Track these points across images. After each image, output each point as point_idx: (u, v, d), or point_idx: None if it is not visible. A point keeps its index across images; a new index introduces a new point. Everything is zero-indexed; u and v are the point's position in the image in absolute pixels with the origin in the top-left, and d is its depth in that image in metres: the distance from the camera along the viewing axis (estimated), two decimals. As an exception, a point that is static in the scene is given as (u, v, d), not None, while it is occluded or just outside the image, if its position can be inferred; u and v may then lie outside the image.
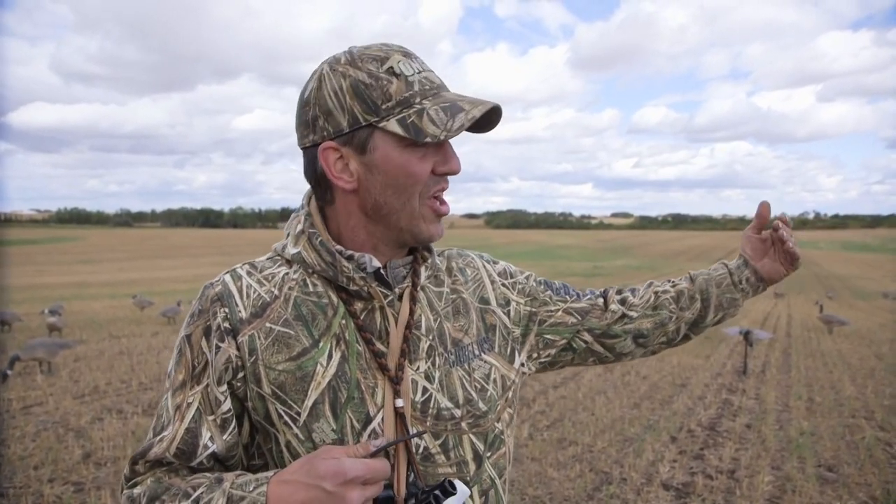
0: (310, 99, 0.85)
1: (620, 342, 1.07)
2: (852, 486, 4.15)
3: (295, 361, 0.84)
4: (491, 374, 0.95)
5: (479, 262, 1.05)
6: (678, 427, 5.49)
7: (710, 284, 1.08)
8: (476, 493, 0.91)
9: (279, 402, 0.84)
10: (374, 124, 0.82)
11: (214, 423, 0.84)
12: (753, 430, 5.50)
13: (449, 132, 0.80)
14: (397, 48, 0.85)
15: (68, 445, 4.67)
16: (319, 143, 0.84)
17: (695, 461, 4.62)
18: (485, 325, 0.98)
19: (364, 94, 0.81)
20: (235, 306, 0.86)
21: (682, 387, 7.19)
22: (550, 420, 5.63)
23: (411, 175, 0.83)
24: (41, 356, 7.05)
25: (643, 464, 4.51)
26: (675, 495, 3.97)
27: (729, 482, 4.20)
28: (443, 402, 0.89)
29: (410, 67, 0.83)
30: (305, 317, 0.87)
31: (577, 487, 4.05)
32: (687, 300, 1.08)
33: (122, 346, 9.59)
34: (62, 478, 4.07)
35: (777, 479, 4.28)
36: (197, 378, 0.85)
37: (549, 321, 1.03)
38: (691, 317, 1.08)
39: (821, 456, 4.77)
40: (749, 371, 8.17)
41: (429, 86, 0.84)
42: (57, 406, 5.80)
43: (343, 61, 0.84)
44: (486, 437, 0.93)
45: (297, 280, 0.89)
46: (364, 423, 0.84)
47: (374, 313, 0.88)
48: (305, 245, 0.89)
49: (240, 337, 0.84)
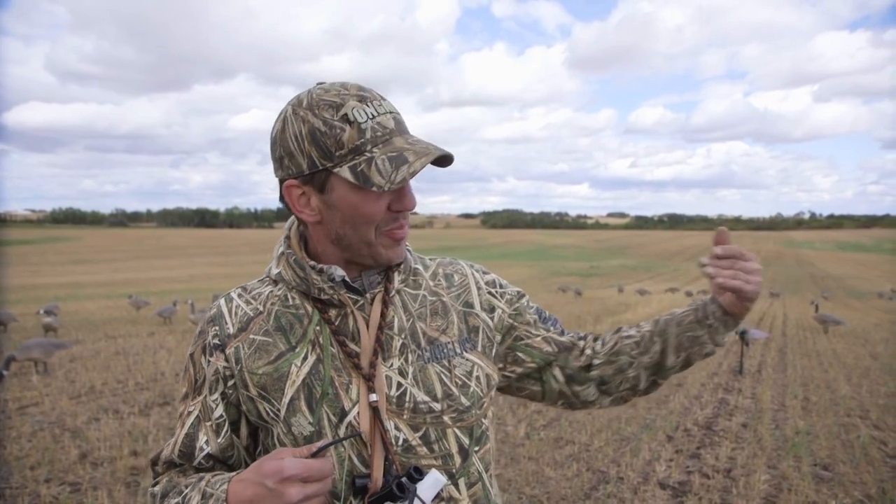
0: (276, 139, 0.92)
1: (585, 390, 1.08)
2: (847, 484, 4.16)
3: (273, 364, 0.94)
4: (473, 371, 1.00)
5: (469, 271, 1.10)
6: (675, 426, 5.51)
7: (671, 325, 1.04)
8: (463, 486, 0.96)
9: (265, 402, 0.94)
10: (329, 169, 0.88)
11: (210, 428, 0.97)
12: (749, 429, 5.52)
13: (392, 183, 0.85)
14: (355, 92, 0.90)
15: (64, 446, 4.65)
16: (285, 179, 0.92)
17: (691, 460, 4.64)
18: (467, 327, 1.03)
19: (320, 140, 0.87)
20: (225, 324, 0.98)
21: (678, 386, 7.21)
22: (547, 419, 5.64)
23: (365, 215, 0.90)
24: (37, 356, 7.03)
25: (640, 463, 4.52)
26: (671, 494, 3.99)
27: (725, 481, 4.22)
28: (419, 396, 0.95)
29: (364, 113, 0.88)
30: (284, 327, 0.97)
31: (574, 486, 4.06)
32: (647, 343, 1.05)
33: (117, 346, 9.57)
34: (58, 478, 4.06)
35: (773, 477, 4.30)
36: (197, 390, 0.98)
37: (525, 340, 1.08)
38: (650, 361, 1.05)
39: (816, 455, 4.79)
40: (745, 370, 8.20)
41: (381, 132, 0.89)
42: (53, 406, 5.78)
43: (304, 105, 0.90)
44: (471, 431, 0.98)
45: (279, 296, 0.99)
46: (340, 416, 0.92)
47: (348, 318, 0.96)
48: (284, 264, 0.99)
49: (227, 350, 0.96)
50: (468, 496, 0.96)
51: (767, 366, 8.82)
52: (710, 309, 1.02)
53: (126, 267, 59.08)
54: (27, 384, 6.69)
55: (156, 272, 50.45)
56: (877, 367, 8.79)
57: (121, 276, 44.46)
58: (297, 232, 1.02)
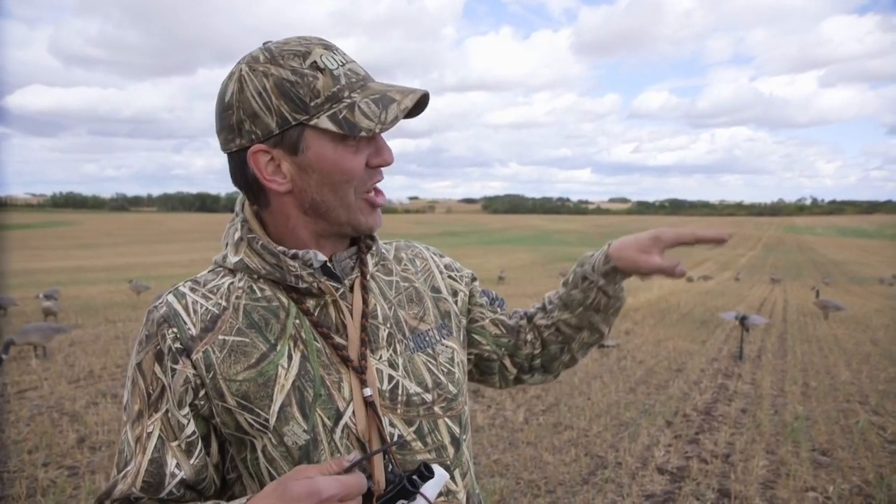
0: (232, 102, 0.81)
1: (532, 377, 1.11)
2: (846, 469, 4.16)
3: (255, 368, 0.82)
4: (455, 357, 0.97)
5: (428, 254, 1.05)
6: (674, 411, 5.50)
7: (591, 314, 1.05)
8: (458, 477, 0.92)
9: (246, 412, 0.82)
10: (304, 123, 0.79)
11: (179, 449, 0.82)
12: (749, 414, 5.51)
13: (384, 124, 0.79)
14: (317, 41, 0.82)
15: (63, 430, 4.66)
16: (248, 147, 0.81)
17: (690, 445, 4.63)
18: (440, 312, 0.99)
19: (290, 92, 0.78)
20: (184, 324, 0.83)
21: (678, 371, 7.21)
22: (546, 404, 5.64)
23: (346, 171, 0.82)
24: (36, 341, 7.02)
25: (638, 448, 4.51)
26: (669, 479, 3.98)
27: (724, 466, 4.21)
28: (411, 388, 0.89)
29: (333, 60, 0.81)
30: (258, 323, 0.85)
31: (572, 472, 4.06)
32: (567, 331, 1.07)
33: (117, 330, 9.57)
34: (56, 462, 4.06)
35: (771, 463, 4.29)
36: (154, 405, 0.82)
37: (478, 322, 1.06)
38: (583, 346, 1.09)
39: (815, 440, 4.79)
40: (745, 356, 8.19)
41: (355, 78, 0.82)
42: (52, 390, 5.78)
43: (262, 59, 0.80)
44: (460, 420, 0.93)
45: (244, 288, 0.87)
46: (335, 418, 0.83)
47: (328, 308, 0.87)
48: (246, 251, 0.87)
49: (194, 355, 0.82)
50: (463, 487, 0.92)
51: (767, 351, 8.81)
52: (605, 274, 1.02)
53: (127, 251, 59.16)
54: (26, 368, 6.69)
55: (157, 257, 50.50)
56: (877, 353, 8.79)
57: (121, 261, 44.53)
58: (253, 213, 0.90)
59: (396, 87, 0.82)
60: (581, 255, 1.08)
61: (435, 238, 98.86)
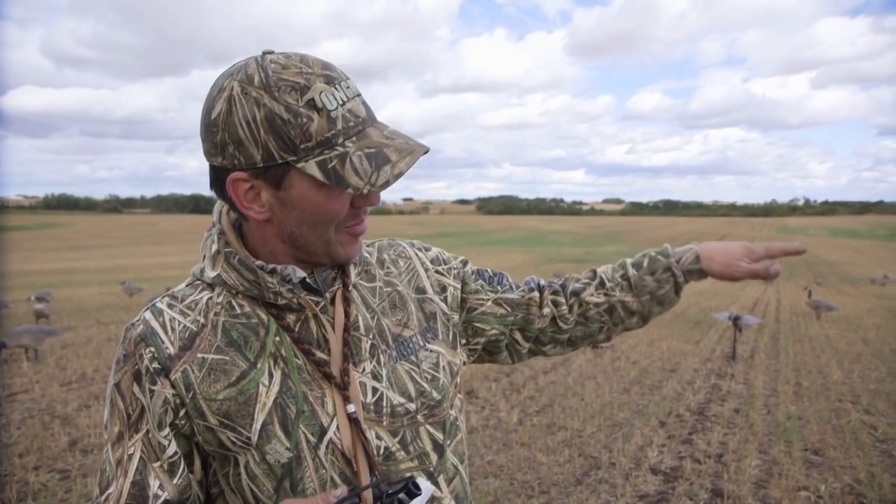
0: (218, 122, 0.76)
1: (553, 349, 1.08)
2: (838, 469, 4.18)
3: (235, 387, 0.81)
4: (439, 362, 0.94)
5: (412, 251, 1.02)
6: (667, 412, 5.52)
7: (653, 304, 1.05)
8: (443, 483, 0.90)
9: (228, 430, 0.80)
10: (290, 163, 0.75)
11: (162, 469, 0.80)
12: (741, 414, 5.53)
13: (373, 186, 0.75)
14: (320, 70, 0.77)
15: (54, 433, 4.63)
16: (229, 169, 0.78)
17: (683, 445, 4.65)
18: (425, 315, 0.96)
19: (281, 130, 0.74)
20: (161, 343, 0.81)
21: (671, 372, 7.23)
22: (540, 405, 5.64)
23: (329, 213, 0.79)
24: (27, 343, 6.98)
25: (632, 448, 4.52)
26: (663, 479, 3.99)
27: (717, 466, 4.23)
28: (395, 399, 0.87)
29: (333, 99, 0.76)
30: (237, 341, 0.82)
31: (566, 472, 4.07)
32: (618, 314, 1.05)
33: (110, 332, 9.52)
34: (48, 465, 4.03)
35: (764, 462, 4.31)
36: (134, 426, 0.80)
37: (478, 309, 1.02)
38: (624, 329, 1.09)
39: (807, 440, 4.81)
40: (738, 356, 8.22)
41: (353, 122, 0.77)
42: (43, 393, 5.75)
43: (257, 83, 0.74)
44: (443, 425, 0.91)
45: (222, 304, 0.84)
46: (319, 434, 0.82)
47: (309, 323, 0.85)
48: (224, 266, 0.84)
49: (172, 374, 0.80)
50: (449, 492, 0.91)
51: (760, 351, 8.85)
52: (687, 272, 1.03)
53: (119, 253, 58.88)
54: (17, 371, 6.65)
55: (150, 258, 50.26)
56: (869, 353, 8.84)
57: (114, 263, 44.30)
58: (230, 223, 0.87)
59: (396, 142, 0.78)
60: (662, 245, 1.08)
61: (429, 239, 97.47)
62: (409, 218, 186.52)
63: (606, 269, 1.08)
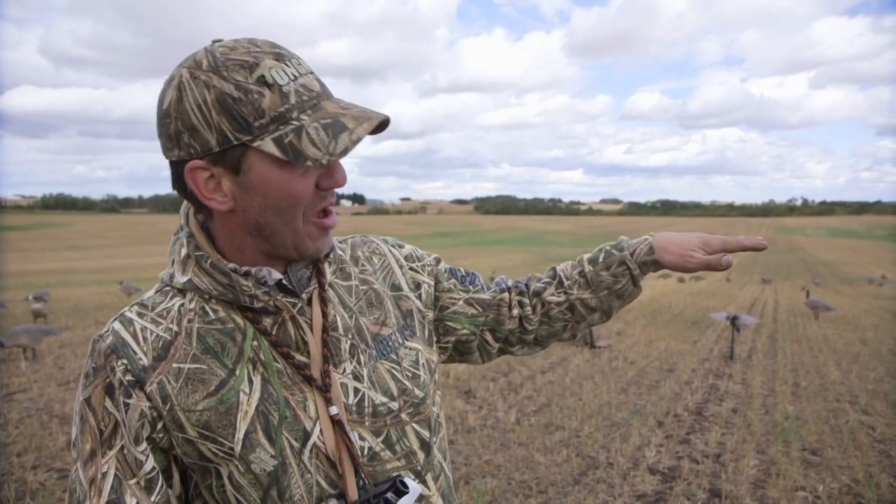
0: (170, 111, 0.74)
1: (521, 349, 1.08)
2: (835, 469, 4.19)
3: (214, 396, 0.78)
4: (419, 359, 0.93)
5: (385, 248, 1.01)
6: (665, 412, 5.52)
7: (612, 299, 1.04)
8: (430, 481, 0.90)
9: (209, 442, 0.78)
10: (247, 144, 0.73)
11: (139, 486, 0.77)
12: (739, 414, 5.54)
13: (332, 155, 0.72)
14: (268, 48, 0.75)
15: (52, 432, 4.62)
16: (186, 160, 0.75)
17: (681, 445, 4.65)
18: (402, 312, 0.95)
19: (233, 109, 0.72)
20: (134, 354, 0.77)
21: (669, 372, 7.24)
22: (538, 405, 5.65)
23: (292, 195, 0.76)
24: (25, 343, 6.96)
25: (630, 448, 4.53)
26: (661, 479, 4.00)
27: (714, 466, 4.23)
28: (377, 399, 0.86)
29: (284, 75, 0.74)
30: (214, 348, 0.80)
31: (563, 472, 4.07)
32: (582, 311, 1.05)
33: (108, 332, 9.51)
34: (46, 465, 4.03)
35: (762, 462, 4.32)
36: (108, 443, 0.76)
37: (450, 308, 1.02)
38: (587, 325, 1.08)
39: (805, 440, 4.82)
40: (736, 356, 8.24)
41: (307, 96, 0.75)
42: (41, 393, 5.74)
43: (205, 67, 0.73)
44: (429, 423, 0.91)
45: (196, 310, 0.81)
46: (303, 439, 0.80)
47: (286, 325, 0.83)
48: (195, 270, 0.81)
49: (147, 386, 0.77)
50: (437, 490, 0.90)
51: (758, 351, 8.87)
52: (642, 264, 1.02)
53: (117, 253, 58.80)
54: (15, 370, 6.64)
55: (148, 258, 50.20)
56: (866, 353, 8.86)
57: (112, 263, 44.26)
58: (198, 225, 0.84)
59: (352, 111, 0.76)
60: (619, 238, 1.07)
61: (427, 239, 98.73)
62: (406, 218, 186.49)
63: (565, 267, 1.08)
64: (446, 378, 6.45)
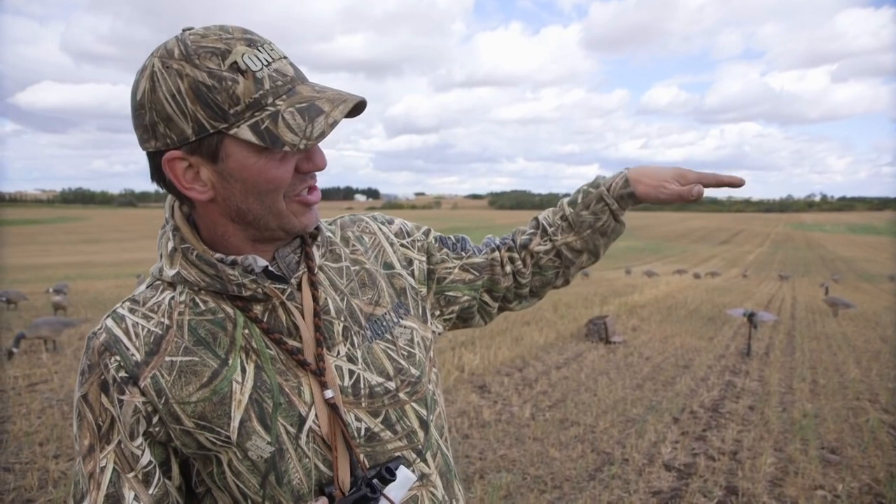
0: (144, 102, 0.74)
1: (519, 304, 1.10)
2: (855, 468, 4.14)
3: (208, 387, 0.79)
4: (413, 337, 0.94)
5: (375, 226, 1.00)
6: (681, 408, 5.49)
7: (596, 237, 1.05)
8: (430, 459, 0.91)
9: (206, 432, 0.79)
10: (223, 131, 0.73)
11: (136, 480, 0.79)
12: (756, 411, 5.50)
13: (309, 140, 0.72)
14: (240, 34, 0.75)
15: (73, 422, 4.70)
16: (163, 151, 0.75)
17: (697, 442, 4.62)
18: (395, 291, 0.95)
19: (207, 97, 0.71)
20: (126, 350, 0.79)
21: (685, 368, 7.19)
22: (553, 400, 5.64)
23: (272, 180, 0.76)
24: (46, 334, 7.08)
25: (645, 444, 4.51)
26: (676, 476, 3.98)
27: (731, 463, 4.20)
28: (373, 380, 0.86)
29: (257, 60, 0.73)
30: (205, 339, 0.80)
31: (578, 468, 4.06)
32: (569, 255, 1.06)
33: (126, 324, 9.63)
34: (67, 454, 4.09)
35: (779, 460, 4.28)
36: (105, 438, 0.78)
37: (448, 279, 1.03)
38: (578, 269, 1.09)
39: (824, 438, 4.77)
40: (752, 353, 8.16)
41: (281, 81, 0.74)
42: (62, 383, 5.83)
43: (177, 55, 0.72)
44: (426, 401, 0.92)
45: (186, 302, 0.82)
46: (299, 424, 0.81)
47: (277, 311, 0.83)
48: (182, 263, 0.81)
49: (141, 382, 0.78)
50: (435, 468, 0.91)
51: (775, 348, 8.77)
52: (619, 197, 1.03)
53: (134, 246, 59.45)
54: (37, 361, 6.75)
55: (164, 252, 50.69)
56: (887, 351, 8.73)
57: (129, 256, 44.77)
58: (183, 217, 0.84)
59: (328, 94, 0.76)
60: (595, 176, 1.08)
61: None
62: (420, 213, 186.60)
63: (547, 214, 1.09)
64: (461, 373, 6.46)
